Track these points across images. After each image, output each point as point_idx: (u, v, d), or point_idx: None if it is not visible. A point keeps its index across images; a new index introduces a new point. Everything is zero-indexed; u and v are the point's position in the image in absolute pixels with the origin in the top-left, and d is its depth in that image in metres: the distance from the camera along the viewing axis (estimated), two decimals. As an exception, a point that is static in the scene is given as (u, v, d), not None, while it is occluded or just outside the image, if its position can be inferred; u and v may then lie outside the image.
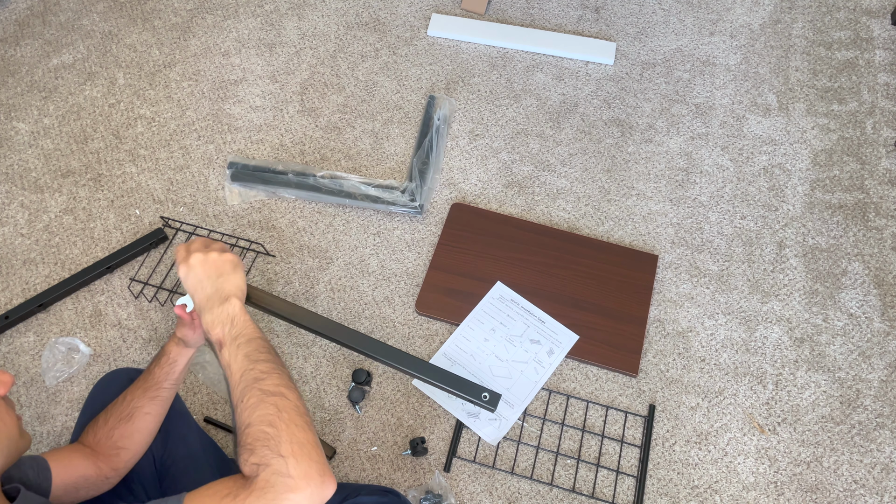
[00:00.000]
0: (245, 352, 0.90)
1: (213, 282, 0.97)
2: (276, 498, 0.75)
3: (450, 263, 1.67)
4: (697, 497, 1.42)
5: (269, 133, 1.89)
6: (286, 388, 0.86)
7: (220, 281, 0.98)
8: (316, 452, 0.79)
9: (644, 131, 1.88)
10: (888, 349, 1.57)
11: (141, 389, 1.10)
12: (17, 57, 2.02)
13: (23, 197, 1.79)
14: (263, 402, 0.83)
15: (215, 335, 0.93)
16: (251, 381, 0.86)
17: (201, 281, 0.98)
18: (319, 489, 0.77)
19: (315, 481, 0.77)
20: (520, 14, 2.10)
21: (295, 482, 0.76)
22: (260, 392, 0.84)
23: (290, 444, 0.79)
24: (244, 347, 0.90)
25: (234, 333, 0.92)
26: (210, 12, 2.10)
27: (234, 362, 0.89)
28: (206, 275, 0.98)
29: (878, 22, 2.05)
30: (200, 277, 0.98)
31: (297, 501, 0.76)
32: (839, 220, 1.74)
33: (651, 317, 1.61)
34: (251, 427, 0.82)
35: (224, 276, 0.98)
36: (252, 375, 0.87)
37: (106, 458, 1.06)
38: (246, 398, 0.85)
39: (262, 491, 0.76)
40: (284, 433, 0.80)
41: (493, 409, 1.07)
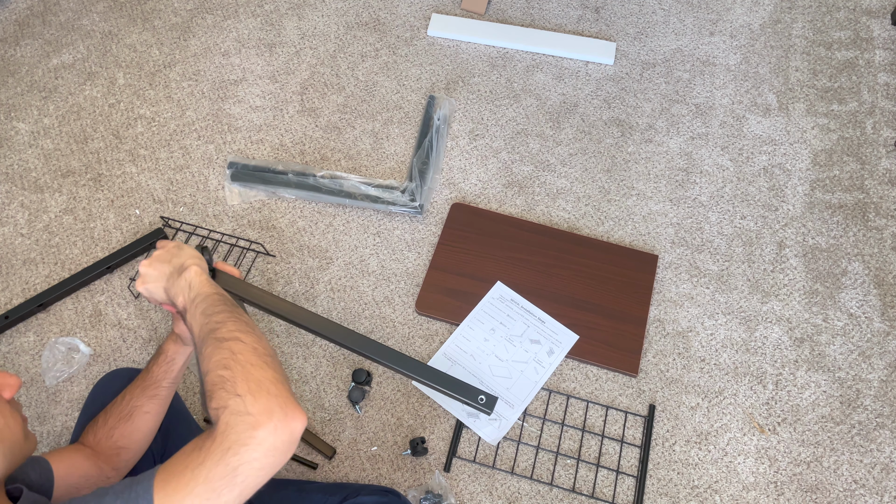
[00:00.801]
0: (202, 308, 0.91)
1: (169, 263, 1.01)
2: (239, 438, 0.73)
3: (450, 263, 1.67)
4: (697, 497, 1.42)
5: (269, 133, 1.89)
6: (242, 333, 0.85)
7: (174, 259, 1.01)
8: (275, 388, 0.77)
9: (644, 131, 1.88)
10: (888, 349, 1.57)
11: (140, 388, 1.10)
12: (17, 57, 2.02)
13: (23, 197, 1.79)
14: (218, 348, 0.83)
15: (180, 304, 0.95)
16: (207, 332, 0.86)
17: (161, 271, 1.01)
18: (283, 422, 0.74)
19: (277, 414, 0.74)
20: (520, 14, 2.10)
21: (255, 418, 0.74)
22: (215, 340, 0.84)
23: (246, 383, 0.77)
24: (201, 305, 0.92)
25: (192, 296, 0.94)
26: (210, 12, 2.11)
27: (194, 322, 0.90)
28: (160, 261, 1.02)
29: (878, 22, 2.05)
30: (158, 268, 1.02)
31: (261, 438, 0.73)
32: (839, 220, 1.74)
33: (651, 317, 1.62)
34: (208, 374, 0.81)
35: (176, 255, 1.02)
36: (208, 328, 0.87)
37: (106, 458, 1.06)
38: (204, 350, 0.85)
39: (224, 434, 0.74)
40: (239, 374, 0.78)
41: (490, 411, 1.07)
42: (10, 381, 0.84)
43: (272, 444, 0.73)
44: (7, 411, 0.82)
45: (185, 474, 0.73)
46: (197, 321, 0.90)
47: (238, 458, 0.72)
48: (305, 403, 1.52)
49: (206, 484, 0.72)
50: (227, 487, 0.73)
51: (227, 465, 0.72)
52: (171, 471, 0.74)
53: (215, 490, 0.72)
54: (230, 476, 0.72)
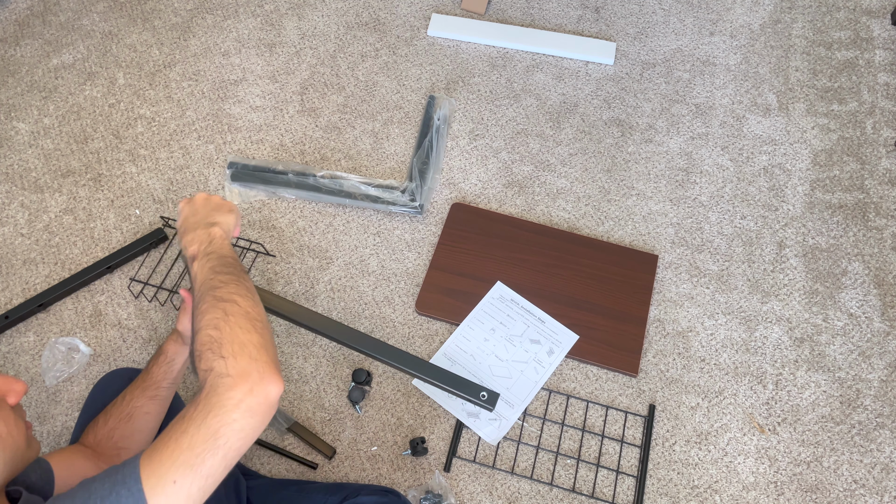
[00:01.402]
0: (211, 265, 0.92)
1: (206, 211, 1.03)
2: (220, 401, 0.74)
3: (450, 263, 1.67)
4: (697, 497, 1.42)
5: (269, 133, 1.89)
6: (239, 297, 0.86)
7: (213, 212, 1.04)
8: (258, 352, 0.78)
9: (644, 131, 1.89)
10: (888, 349, 1.57)
11: (140, 389, 1.10)
12: (17, 57, 2.02)
13: (23, 197, 1.79)
14: (214, 307, 0.84)
15: (191, 251, 0.97)
16: (208, 289, 0.87)
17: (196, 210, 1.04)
18: (259, 384, 0.76)
19: (253, 378, 0.76)
20: (520, 14, 2.10)
21: (233, 380, 0.75)
22: (213, 298, 0.85)
23: (232, 345, 0.78)
24: (213, 261, 0.93)
25: (208, 250, 0.95)
26: (210, 12, 2.11)
27: (199, 273, 0.92)
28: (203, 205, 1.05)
29: (878, 22, 2.05)
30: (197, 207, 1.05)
31: (238, 398, 0.74)
32: (839, 220, 1.74)
33: (651, 317, 1.62)
34: (199, 332, 0.82)
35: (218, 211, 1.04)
36: (210, 284, 0.88)
37: (107, 459, 1.06)
38: (200, 305, 0.86)
39: (207, 398, 0.75)
40: (227, 335, 0.80)
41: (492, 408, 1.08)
42: (15, 386, 0.83)
43: (248, 405, 0.74)
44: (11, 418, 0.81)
45: (170, 444, 0.74)
46: (202, 274, 0.91)
47: (218, 420, 0.73)
48: (305, 403, 1.52)
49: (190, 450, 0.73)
50: (209, 451, 0.73)
51: (208, 427, 0.73)
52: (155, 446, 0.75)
53: (199, 455, 0.73)
54: (212, 439, 0.73)
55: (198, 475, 0.73)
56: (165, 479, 0.72)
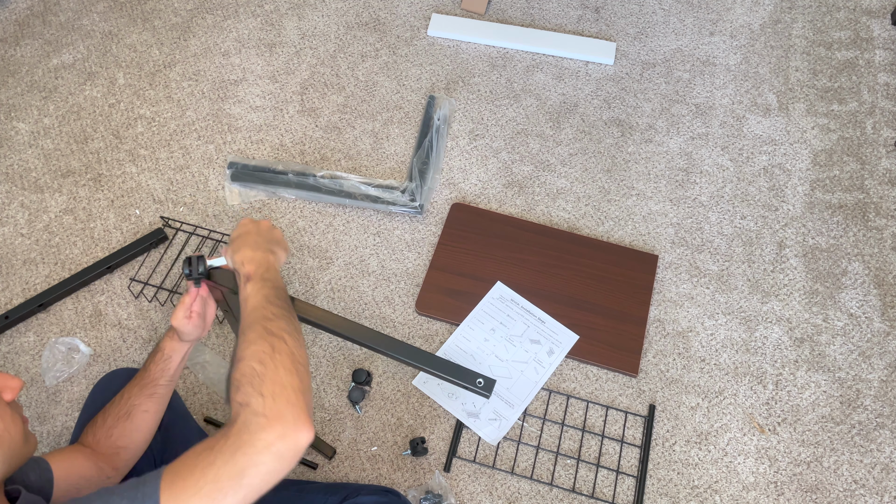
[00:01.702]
0: (266, 293, 0.92)
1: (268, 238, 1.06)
2: (251, 439, 0.74)
3: (450, 263, 1.67)
4: (697, 497, 1.42)
5: (269, 133, 1.89)
6: (289, 335, 0.85)
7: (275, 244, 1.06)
8: (296, 397, 0.78)
9: (644, 131, 1.88)
10: (888, 349, 1.57)
11: (138, 387, 1.10)
12: (17, 57, 2.02)
13: (23, 197, 1.79)
14: (262, 338, 0.84)
15: (247, 269, 0.97)
16: (259, 317, 0.88)
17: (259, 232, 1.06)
18: (293, 431, 0.75)
19: (287, 423, 0.75)
20: (520, 14, 2.10)
21: (267, 421, 0.74)
22: (263, 329, 0.85)
23: (273, 385, 0.78)
24: (268, 289, 0.93)
25: (265, 276, 0.96)
26: (210, 12, 2.11)
27: (252, 297, 0.92)
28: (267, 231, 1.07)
29: (878, 22, 2.05)
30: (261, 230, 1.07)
31: (268, 441, 0.74)
32: (839, 220, 1.74)
33: (651, 317, 1.62)
34: (242, 362, 0.82)
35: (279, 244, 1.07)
36: (262, 314, 0.88)
37: (106, 458, 1.06)
38: (248, 332, 0.86)
39: (238, 434, 0.74)
40: (271, 373, 0.79)
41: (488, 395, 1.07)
42: (11, 383, 0.83)
43: (278, 449, 0.74)
44: (7, 414, 0.81)
45: (195, 473, 0.73)
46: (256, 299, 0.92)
47: (247, 460, 0.73)
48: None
49: (215, 483, 0.72)
50: (232, 489, 0.73)
51: (235, 464, 0.73)
52: (178, 471, 0.74)
53: (222, 490, 0.73)
54: (237, 477, 0.73)
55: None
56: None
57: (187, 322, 1.09)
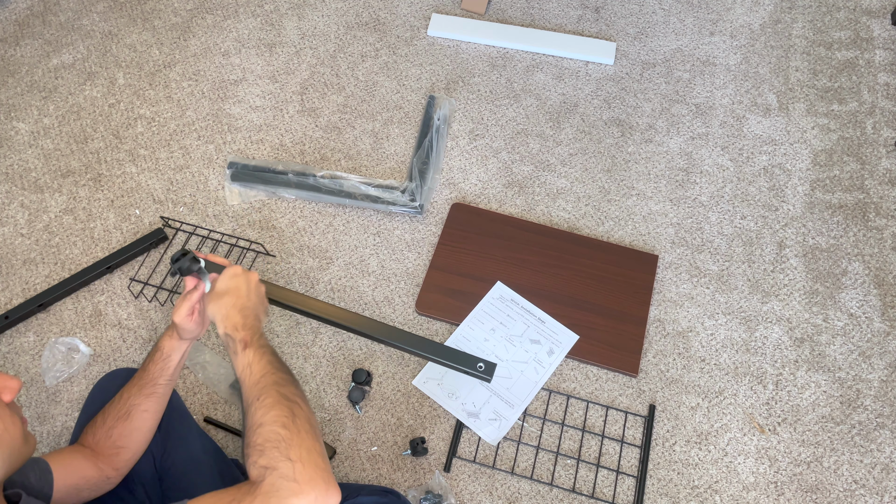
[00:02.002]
0: (269, 359, 0.94)
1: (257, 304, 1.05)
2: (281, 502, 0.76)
3: (450, 263, 1.67)
4: (697, 497, 1.42)
5: (269, 133, 1.89)
6: (301, 400, 0.88)
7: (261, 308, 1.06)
8: (323, 462, 0.81)
9: (644, 131, 1.88)
10: (888, 349, 1.57)
11: (137, 387, 1.10)
12: (17, 57, 2.02)
13: (23, 197, 1.79)
14: (280, 403, 0.85)
15: (243, 335, 0.98)
16: (271, 383, 0.89)
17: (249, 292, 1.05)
18: (324, 497, 0.78)
19: (320, 488, 0.78)
20: (520, 14, 2.10)
21: (300, 487, 0.77)
22: (278, 394, 0.87)
23: (300, 449, 0.80)
24: (269, 356, 0.95)
25: (261, 342, 0.98)
26: (210, 12, 2.11)
27: (256, 363, 0.93)
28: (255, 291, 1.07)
29: (878, 22, 2.05)
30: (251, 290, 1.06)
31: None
32: (839, 220, 1.74)
33: (651, 317, 1.61)
34: (263, 427, 0.83)
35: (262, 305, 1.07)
36: (273, 379, 0.90)
37: (106, 458, 1.06)
38: (263, 397, 0.87)
39: (267, 495, 0.76)
40: (296, 437, 0.81)
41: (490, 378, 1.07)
42: (10, 383, 0.83)
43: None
44: (6, 415, 0.81)
45: None
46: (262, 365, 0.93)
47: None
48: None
49: None
50: None
51: None
52: None
53: None
54: None
55: None
56: None
57: (189, 319, 1.09)
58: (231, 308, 1.02)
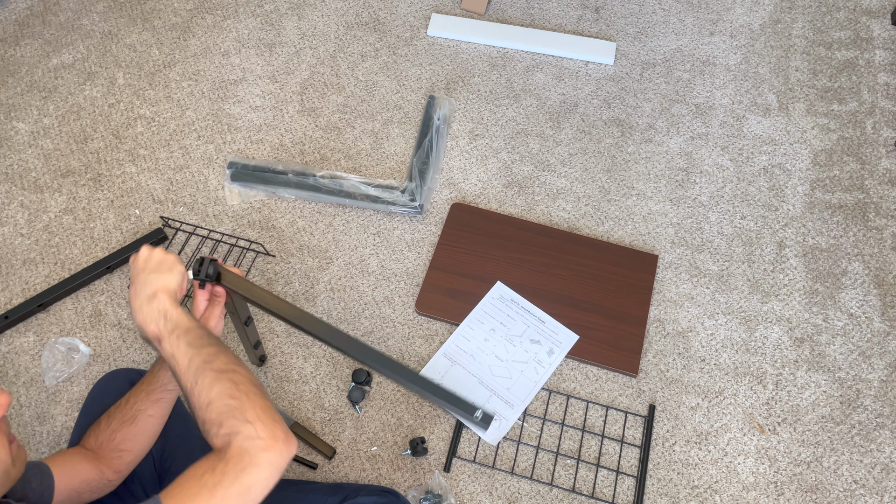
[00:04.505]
0: (186, 341, 0.94)
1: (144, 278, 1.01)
2: (253, 460, 0.81)
3: (450, 263, 1.67)
4: (697, 497, 1.42)
5: (269, 133, 1.89)
6: (236, 365, 0.91)
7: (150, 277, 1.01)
8: (276, 416, 0.86)
9: (644, 131, 1.88)
10: (888, 349, 1.57)
11: (145, 392, 1.10)
12: (17, 57, 2.02)
13: (23, 197, 1.79)
14: (219, 379, 0.88)
15: (151, 331, 0.97)
16: (201, 364, 0.91)
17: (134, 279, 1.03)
18: (286, 446, 0.84)
19: (281, 439, 0.83)
20: (520, 14, 2.10)
21: (266, 442, 0.82)
22: (213, 371, 0.89)
23: (254, 410, 0.85)
24: (183, 337, 0.95)
25: (169, 327, 0.96)
26: (210, 12, 2.10)
27: (177, 352, 0.94)
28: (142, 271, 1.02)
29: (878, 22, 2.05)
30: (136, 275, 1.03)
31: (270, 460, 0.82)
32: (839, 220, 1.74)
33: (651, 317, 1.62)
34: (213, 403, 0.86)
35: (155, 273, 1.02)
36: (200, 359, 0.91)
37: (108, 461, 1.06)
38: (200, 380, 0.89)
39: (239, 457, 0.81)
40: (247, 402, 0.86)
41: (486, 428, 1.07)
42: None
43: (278, 464, 0.83)
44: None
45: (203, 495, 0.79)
46: (182, 352, 0.93)
47: (252, 478, 0.80)
48: (305, 403, 1.52)
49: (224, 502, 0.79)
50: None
51: (242, 484, 0.80)
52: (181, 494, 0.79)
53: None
54: (245, 493, 0.80)
55: None
56: None
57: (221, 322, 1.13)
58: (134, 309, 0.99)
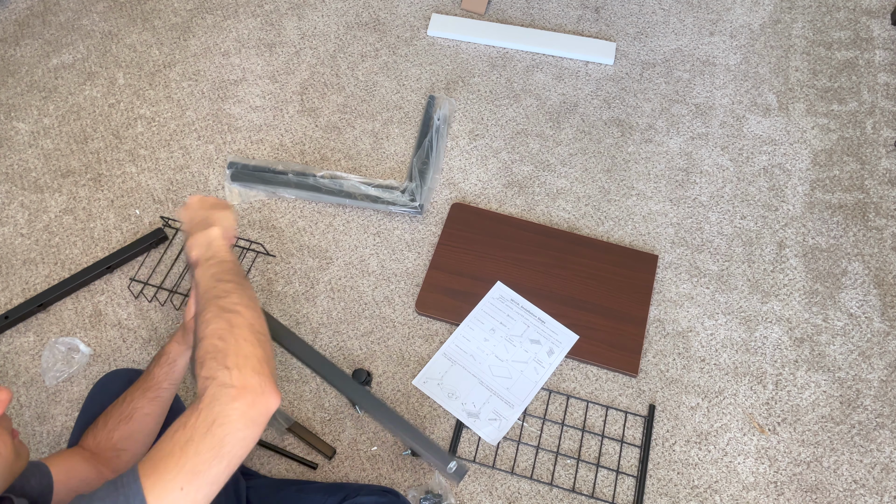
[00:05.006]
0: (213, 272, 0.94)
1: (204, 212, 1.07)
2: (223, 409, 0.77)
3: (450, 263, 1.67)
4: (697, 497, 1.42)
5: (269, 133, 1.89)
6: (243, 307, 0.88)
7: (209, 212, 1.07)
8: (260, 365, 0.81)
9: (644, 131, 1.88)
10: (888, 349, 1.57)
11: (141, 390, 1.10)
12: (17, 57, 2.02)
13: (23, 197, 1.79)
14: (218, 317, 0.86)
15: (193, 256, 0.99)
16: (212, 297, 0.90)
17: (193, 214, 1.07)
18: (261, 397, 0.79)
19: (255, 390, 0.78)
20: (520, 14, 2.10)
21: (237, 391, 0.78)
22: (217, 308, 0.88)
23: (236, 357, 0.81)
24: (213, 268, 0.95)
25: (208, 254, 0.97)
26: (210, 12, 2.11)
27: (201, 280, 0.94)
28: (199, 206, 1.08)
29: (878, 22, 2.05)
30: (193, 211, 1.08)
31: (242, 410, 0.77)
32: (839, 220, 1.74)
33: (651, 317, 1.62)
34: (203, 340, 0.85)
35: (214, 210, 1.08)
36: (214, 293, 0.90)
37: (106, 461, 1.06)
38: (204, 312, 0.88)
39: (209, 407, 0.77)
40: (232, 346, 0.82)
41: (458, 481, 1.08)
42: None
43: (251, 416, 0.78)
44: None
45: (174, 453, 0.75)
46: (205, 281, 0.93)
47: (223, 430, 0.76)
48: (305, 403, 1.52)
49: (196, 457, 0.75)
50: (215, 459, 0.75)
51: (213, 436, 0.75)
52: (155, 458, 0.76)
53: (205, 462, 0.75)
54: (217, 447, 0.75)
55: (204, 482, 0.75)
56: (172, 485, 0.73)
57: None
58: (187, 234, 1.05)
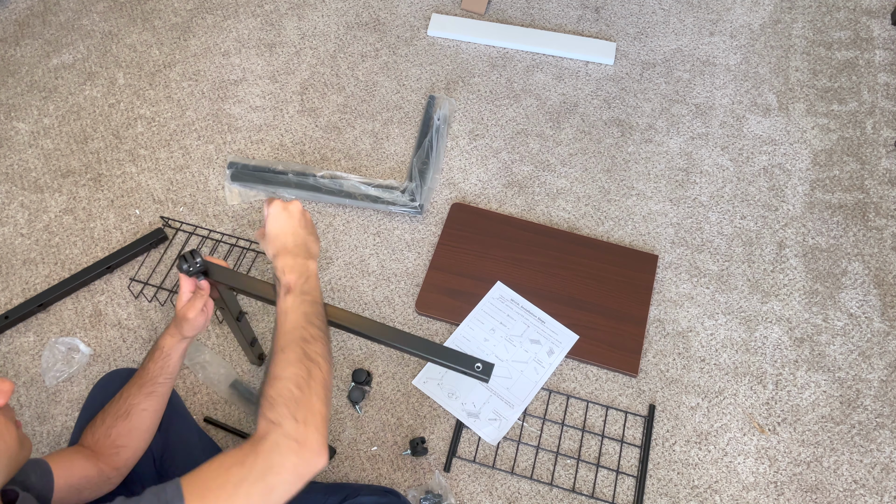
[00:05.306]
0: (305, 310, 0.95)
1: (306, 236, 1.05)
2: (282, 461, 0.79)
3: (450, 263, 1.67)
4: (697, 497, 1.42)
5: (269, 133, 1.89)
6: (324, 360, 0.90)
7: (311, 238, 1.06)
8: (324, 427, 0.84)
9: (644, 131, 1.89)
10: (888, 349, 1.57)
11: (136, 386, 1.10)
12: (17, 57, 2.02)
13: (23, 197, 1.79)
14: (301, 361, 0.87)
15: (288, 279, 0.98)
16: (299, 338, 0.90)
17: (296, 228, 1.05)
18: (316, 458, 0.82)
19: (314, 451, 0.82)
20: (520, 14, 2.10)
21: (298, 446, 0.80)
22: (302, 352, 0.89)
23: (307, 411, 0.83)
24: (308, 306, 0.95)
25: (305, 288, 0.97)
26: (210, 12, 2.11)
27: (292, 312, 0.94)
28: (302, 226, 1.06)
29: (878, 22, 2.05)
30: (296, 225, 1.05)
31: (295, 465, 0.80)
32: (839, 220, 1.74)
33: (651, 317, 1.62)
34: (279, 381, 0.86)
35: (314, 237, 1.07)
36: (301, 334, 0.91)
37: (106, 458, 1.06)
38: (288, 350, 0.89)
39: (269, 453, 0.80)
40: (306, 399, 0.84)
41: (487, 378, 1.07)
42: (2, 386, 0.81)
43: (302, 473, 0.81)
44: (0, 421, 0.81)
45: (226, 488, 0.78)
46: (296, 315, 0.94)
47: (277, 479, 0.79)
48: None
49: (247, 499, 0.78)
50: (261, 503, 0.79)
51: (266, 483, 0.79)
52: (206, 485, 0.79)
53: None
54: (267, 493, 0.79)
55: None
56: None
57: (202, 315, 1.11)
58: (281, 248, 1.02)
